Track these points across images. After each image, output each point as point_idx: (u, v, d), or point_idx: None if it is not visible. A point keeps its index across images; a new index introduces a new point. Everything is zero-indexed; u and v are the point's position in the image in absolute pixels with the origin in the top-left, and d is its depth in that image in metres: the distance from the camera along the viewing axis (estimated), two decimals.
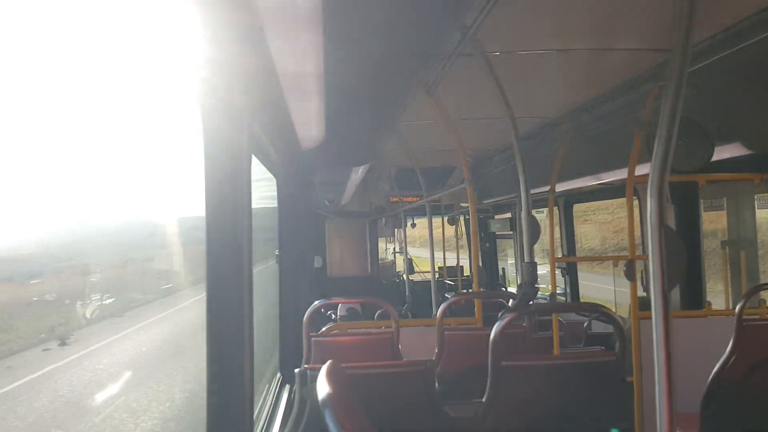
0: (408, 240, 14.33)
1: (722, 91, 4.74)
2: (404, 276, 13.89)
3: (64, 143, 2.95)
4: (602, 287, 20.17)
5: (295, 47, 2.54)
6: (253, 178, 2.50)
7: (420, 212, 13.62)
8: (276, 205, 6.20)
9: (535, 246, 4.48)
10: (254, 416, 3.10)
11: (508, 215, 13.84)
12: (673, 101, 2.42)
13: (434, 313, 7.41)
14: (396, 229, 17.76)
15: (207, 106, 2.23)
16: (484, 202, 11.48)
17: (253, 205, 2.51)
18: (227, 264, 2.32)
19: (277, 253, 6.39)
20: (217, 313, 2.33)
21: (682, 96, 2.42)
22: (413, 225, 16.35)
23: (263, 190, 5.94)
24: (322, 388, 2.47)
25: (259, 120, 3.24)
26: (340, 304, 10.96)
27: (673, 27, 2.44)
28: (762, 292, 5.67)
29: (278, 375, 6.11)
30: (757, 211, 7.29)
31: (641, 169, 5.03)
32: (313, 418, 3.79)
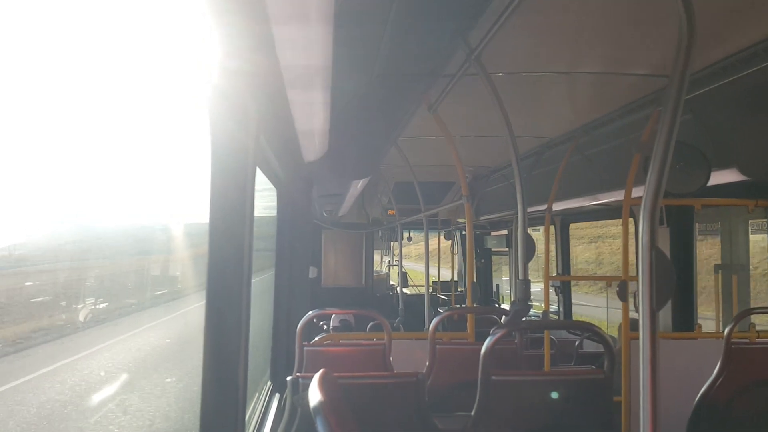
0: (403, 254, 14.35)
1: (720, 119, 4.81)
2: (398, 289, 13.91)
3: (69, 146, 2.99)
4: (596, 308, 20.22)
5: (304, 61, 2.59)
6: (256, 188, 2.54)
7: (417, 226, 13.65)
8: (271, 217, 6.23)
9: (530, 264, 4.52)
10: (245, 421, 3.14)
11: (504, 232, 13.87)
12: (670, 126, 2.47)
13: (427, 327, 7.44)
14: (392, 243, 17.80)
15: (216, 117, 2.28)
16: (481, 218, 11.52)
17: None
18: (228, 271, 2.36)
19: None
20: (215, 319, 2.36)
21: (678, 121, 2.48)
22: (409, 239, 16.37)
23: (264, 200, 5.96)
24: (315, 395, 2.50)
25: (264, 131, 3.28)
26: (333, 315, 11.00)
27: (673, 55, 2.50)
28: (752, 316, 5.71)
29: (269, 383, 6.13)
30: (750, 236, 7.34)
31: (638, 192, 5.07)
32: (304, 425, 3.83)
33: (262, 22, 2.17)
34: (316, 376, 2.83)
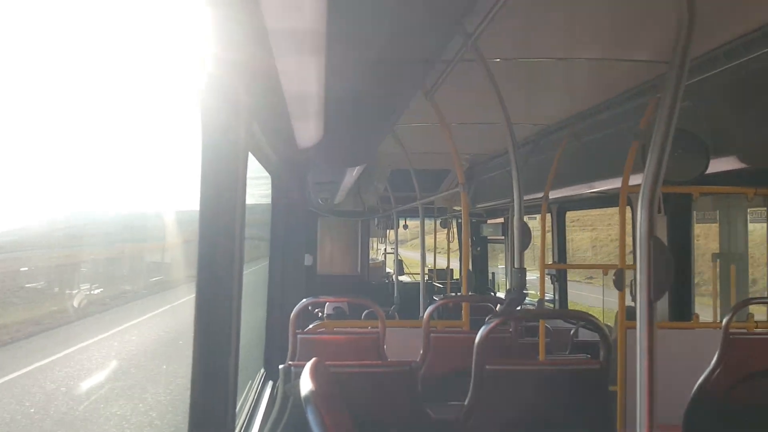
0: (399, 241, 14.33)
1: (719, 105, 4.76)
2: (394, 277, 13.88)
3: (59, 133, 2.94)
4: (591, 296, 20.26)
5: (298, 47, 2.54)
6: (249, 175, 2.50)
7: (413, 214, 13.61)
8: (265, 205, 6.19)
9: (526, 252, 4.48)
10: (236, 411, 3.11)
11: (501, 220, 13.84)
12: (669, 113, 2.43)
13: (421, 315, 7.42)
14: (388, 230, 17.78)
15: (208, 101, 2.24)
16: (478, 206, 11.48)
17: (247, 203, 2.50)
18: (219, 259, 2.32)
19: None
20: (205, 307, 2.33)
21: (678, 108, 2.44)
22: (405, 227, 16.36)
23: (257, 188, 5.90)
24: (306, 384, 2.47)
25: (257, 117, 3.24)
26: (327, 303, 10.97)
27: (673, 40, 2.45)
28: (750, 306, 5.68)
29: (261, 371, 6.10)
30: (749, 224, 7.30)
31: (635, 179, 5.04)
32: (295, 414, 3.80)
33: (255, 8, 2.12)
34: (308, 366, 2.81)
